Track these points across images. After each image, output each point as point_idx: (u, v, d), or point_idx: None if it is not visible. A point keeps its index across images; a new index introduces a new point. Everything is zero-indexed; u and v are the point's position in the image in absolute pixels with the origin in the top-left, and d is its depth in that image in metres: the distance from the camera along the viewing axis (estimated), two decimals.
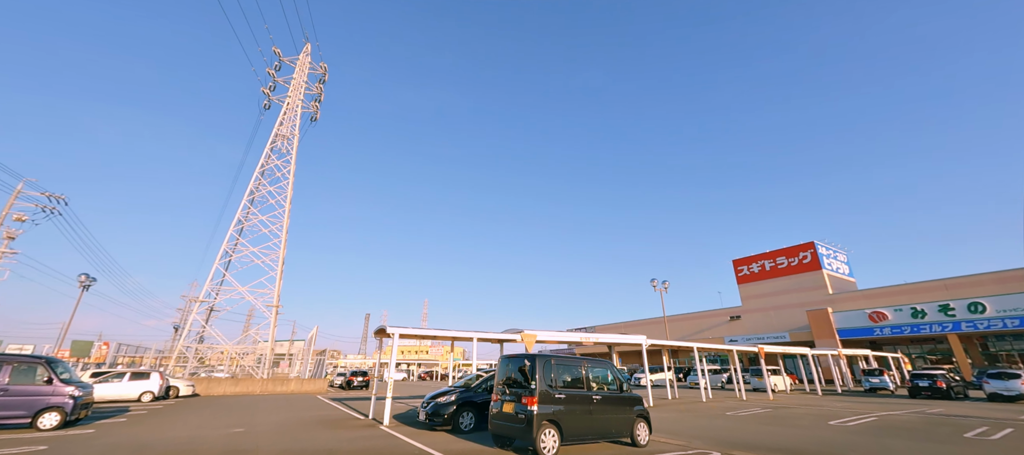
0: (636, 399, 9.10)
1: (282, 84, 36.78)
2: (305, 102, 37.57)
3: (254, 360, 32.97)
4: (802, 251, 46.27)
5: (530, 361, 7.95)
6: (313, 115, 38.52)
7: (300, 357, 44.87)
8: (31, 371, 10.08)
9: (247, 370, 31.76)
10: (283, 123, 35.18)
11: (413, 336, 12.89)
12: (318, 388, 26.95)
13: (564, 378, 8.20)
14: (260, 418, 12.78)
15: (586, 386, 8.44)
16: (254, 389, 24.94)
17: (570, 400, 7.97)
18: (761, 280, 49.08)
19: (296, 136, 35.39)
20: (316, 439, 9.28)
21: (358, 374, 30.15)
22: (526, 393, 7.65)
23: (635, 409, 8.92)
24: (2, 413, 9.54)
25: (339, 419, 12.69)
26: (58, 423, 10.00)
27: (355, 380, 29.57)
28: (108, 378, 17.68)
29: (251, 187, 32.12)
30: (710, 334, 51.02)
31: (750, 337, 46.10)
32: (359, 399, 21.04)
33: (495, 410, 8.22)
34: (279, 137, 34.71)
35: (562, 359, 8.38)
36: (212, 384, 23.89)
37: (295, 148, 34.94)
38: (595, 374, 8.81)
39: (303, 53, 38.36)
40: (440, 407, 10.17)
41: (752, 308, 48.88)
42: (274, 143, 34.36)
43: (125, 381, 17.74)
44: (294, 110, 36.18)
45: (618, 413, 8.62)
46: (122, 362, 30.15)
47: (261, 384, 25.26)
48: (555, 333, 16.11)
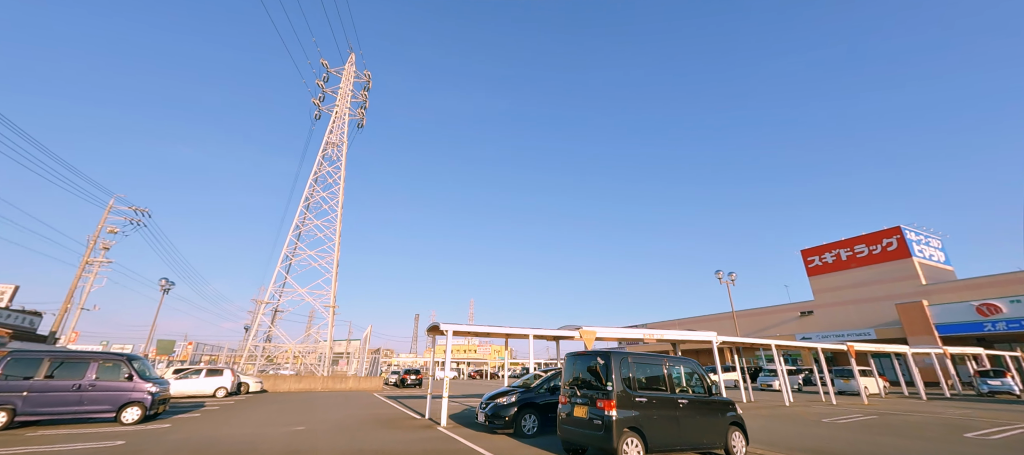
0: (728, 404, 7.78)
1: (330, 94, 38.26)
2: (352, 110, 38.83)
3: (315, 359, 34.43)
4: (886, 237, 41.00)
5: (604, 359, 6.93)
6: (360, 122, 39.73)
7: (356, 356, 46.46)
8: (115, 368, 10.58)
9: (309, 368, 33.21)
10: (332, 131, 36.52)
11: (466, 333, 12.29)
12: (374, 386, 27.46)
13: (644, 379, 7.11)
14: (320, 416, 12.76)
15: (669, 388, 7.28)
16: (316, 386, 25.81)
17: (653, 404, 6.86)
18: (837, 271, 44.15)
19: (345, 143, 36.61)
20: (374, 440, 8.86)
21: (411, 372, 30.45)
22: (601, 395, 6.65)
23: (728, 415, 7.61)
24: (90, 407, 10.05)
25: (396, 418, 12.36)
26: (139, 417, 10.40)
27: (408, 378, 29.88)
28: (187, 375, 18.82)
29: (306, 194, 33.57)
30: (777, 331, 46.64)
31: (826, 335, 41.49)
32: (414, 398, 20.95)
33: (565, 414, 7.29)
34: (329, 145, 36.05)
35: (640, 357, 7.28)
36: (278, 381, 24.99)
37: (344, 154, 36.14)
38: (678, 374, 7.61)
39: (348, 63, 39.69)
40: (500, 409, 9.40)
41: (827, 302, 44.09)
42: (325, 151, 35.74)
43: (202, 378, 18.79)
44: (342, 118, 37.46)
45: (709, 420, 7.37)
46: (204, 361, 32.94)
47: (322, 381, 26.10)
48: (614, 329, 14.87)
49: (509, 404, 9.41)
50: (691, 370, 7.84)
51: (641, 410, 6.67)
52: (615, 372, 6.72)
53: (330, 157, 35.93)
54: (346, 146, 36.56)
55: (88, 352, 10.74)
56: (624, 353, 7.08)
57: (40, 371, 9.83)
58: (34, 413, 9.57)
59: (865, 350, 22.34)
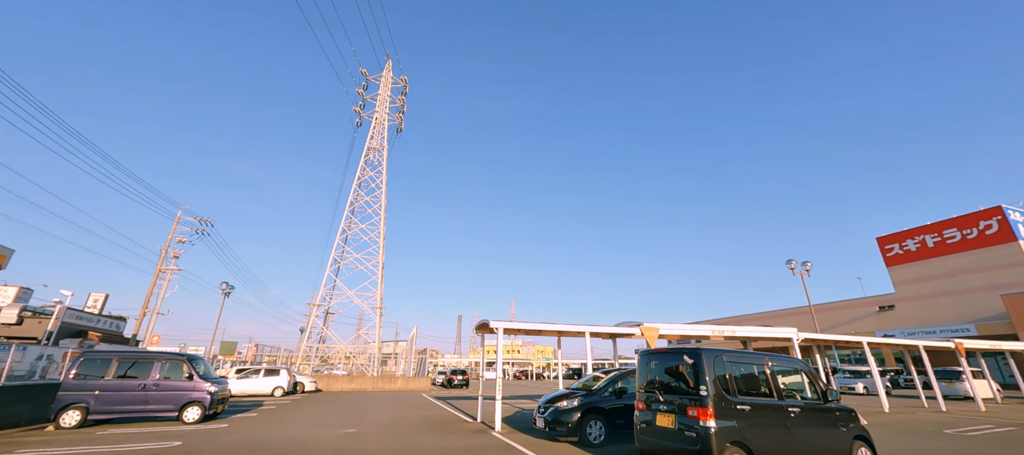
0: (849, 413, 6.31)
1: (370, 101, 39.10)
2: (390, 115, 39.44)
3: (365, 359, 35.16)
4: (984, 219, 35.58)
5: (693, 358, 5.75)
6: (398, 126, 40.29)
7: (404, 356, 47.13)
8: (176, 368, 10.71)
9: (360, 368, 33.93)
10: (373, 137, 37.23)
11: (518, 331, 11.43)
12: (422, 386, 27.37)
13: (742, 381, 5.84)
14: (371, 417, 12.39)
15: (775, 392, 5.95)
16: (366, 386, 26.09)
17: (758, 413, 5.59)
18: (922, 260, 38.99)
19: (385, 148, 37.19)
20: (427, 446, 8.19)
21: (457, 373, 30.15)
22: (692, 401, 5.49)
23: (850, 427, 6.15)
24: (154, 407, 10.19)
25: (446, 421, 11.71)
26: (199, 417, 10.45)
27: (455, 379, 29.59)
28: (248, 374, 19.43)
29: (351, 199, 34.36)
30: (851, 328, 41.95)
31: (913, 331, 36.65)
32: (462, 398, 20.40)
33: (644, 422, 6.18)
34: (371, 150, 36.75)
35: (736, 355, 6.02)
36: (332, 380, 25.49)
37: (385, 159, 36.69)
38: (785, 376, 6.25)
39: (385, 70, 40.41)
40: (561, 414, 8.40)
41: (911, 295, 39.01)
42: (367, 156, 36.46)
43: (260, 377, 19.32)
44: (382, 123, 38.13)
45: (828, 433, 5.96)
46: (267, 361, 35.01)
47: (372, 381, 26.35)
48: (678, 326, 13.38)
49: (571, 408, 8.39)
50: (800, 371, 6.44)
51: (743, 420, 5.43)
52: (708, 373, 5.53)
53: (372, 162, 36.65)
54: (387, 151, 37.14)
55: (152, 352, 10.98)
56: (716, 350, 5.86)
57: (110, 371, 10.09)
58: (104, 412, 9.81)
59: (975, 348, 19.07)
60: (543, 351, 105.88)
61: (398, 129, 40.41)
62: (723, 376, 5.66)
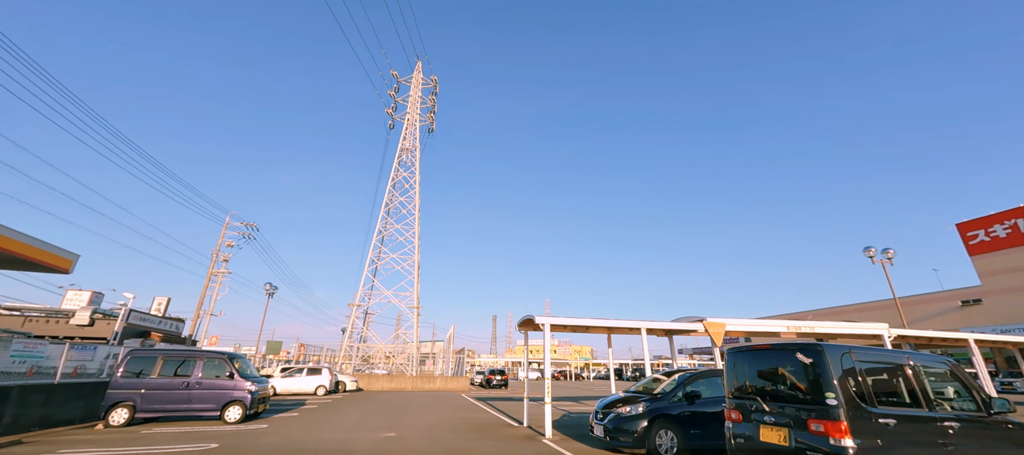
0: None
1: (401, 103, 39.28)
2: (422, 115, 39.44)
3: (404, 359, 35.26)
4: None
5: (811, 355, 4.48)
6: (429, 126, 40.25)
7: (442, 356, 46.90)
8: (218, 366, 10.50)
9: (399, 367, 34.01)
10: (405, 138, 37.32)
11: (566, 327, 10.36)
12: (460, 386, 26.84)
13: (880, 387, 4.50)
14: (411, 418, 11.75)
15: (924, 401, 4.56)
16: (406, 385, 25.88)
17: (906, 429, 4.24)
18: (1014, 248, 34.09)
19: (417, 148, 37.19)
20: (471, 452, 7.33)
21: (496, 373, 29.41)
22: (816, 413, 4.23)
23: None
24: (197, 406, 9.99)
25: (490, 425, 10.83)
26: (240, 417, 10.17)
27: (494, 379, 28.87)
28: (292, 373, 19.54)
29: (386, 200, 34.56)
30: (928, 324, 37.42)
31: (1008, 327, 32.03)
32: (503, 399, 19.56)
33: (741, 436, 4.96)
34: (404, 151, 36.86)
35: (868, 353, 4.68)
36: (372, 380, 25.47)
37: (418, 159, 36.68)
38: (933, 379, 4.83)
39: (416, 71, 40.50)
40: (624, 421, 7.26)
41: (1001, 288, 34.18)
42: (400, 157, 36.60)
43: (304, 376, 19.38)
44: (413, 124, 38.17)
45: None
46: (313, 360, 36.10)
47: (412, 381, 26.11)
48: (747, 322, 11.79)
49: (635, 416, 7.23)
50: (950, 371, 4.99)
51: (888, 437, 4.11)
52: (835, 376, 4.25)
53: (405, 163, 36.74)
54: (419, 151, 37.14)
55: (195, 350, 10.84)
56: (842, 346, 4.55)
57: (155, 369, 10.00)
58: (150, 410, 9.71)
59: None
60: (580, 350, 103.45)
61: (430, 129, 40.40)
62: (853, 379, 4.35)
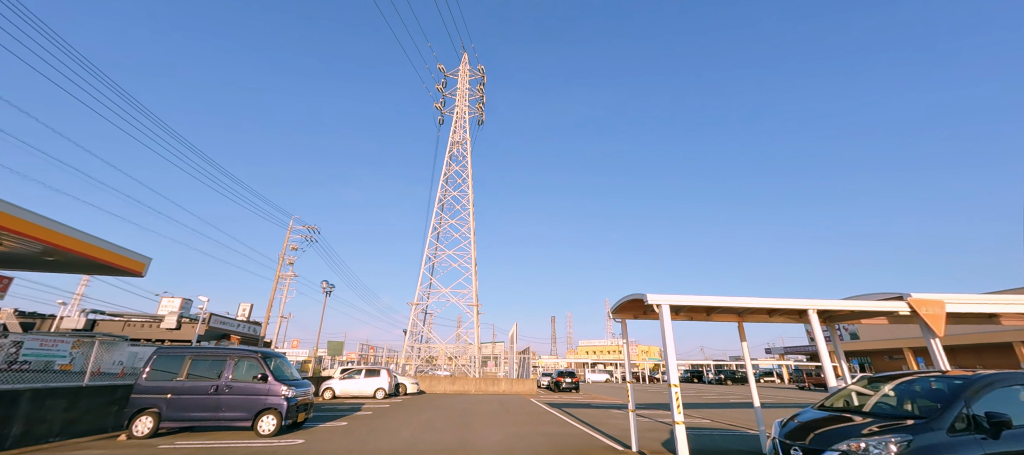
0: None
1: (450, 97, 37.93)
2: (470, 107, 37.78)
3: (466, 360, 33.54)
4: None
5: None
6: (479, 118, 38.48)
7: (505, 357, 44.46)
8: (250, 366, 8.78)
9: (462, 369, 32.29)
10: (455, 131, 35.82)
11: (694, 307, 7.14)
12: (527, 389, 24.18)
13: None
14: (478, 432, 9.25)
15: None
16: (469, 388, 23.80)
17: None
18: None
19: (468, 141, 35.48)
20: None
21: (565, 375, 26.36)
22: None
23: None
24: (227, 413, 8.29)
25: (587, 449, 7.94)
26: (275, 428, 8.31)
27: (563, 381, 25.85)
28: (351, 374, 18.18)
29: (438, 195, 33.17)
30: None
31: None
32: (581, 406, 16.55)
33: None
34: (454, 145, 35.36)
35: None
36: (434, 382, 23.74)
37: (469, 151, 34.95)
38: None
39: (462, 62, 39.02)
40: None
41: None
42: (451, 151, 35.13)
43: (362, 378, 17.91)
44: (463, 117, 36.59)
45: None
46: (383, 361, 35.89)
47: (475, 383, 23.99)
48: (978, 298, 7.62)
49: (877, 446, 3.91)
50: None
51: None
52: None
53: (456, 157, 35.22)
54: (470, 144, 35.42)
55: (224, 348, 9.25)
56: None
57: (182, 370, 8.49)
58: (177, 419, 8.18)
59: None
60: (647, 351, 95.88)
61: (479, 121, 38.66)
62: None
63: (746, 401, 20.04)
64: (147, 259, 9.81)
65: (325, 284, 21.23)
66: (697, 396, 23.72)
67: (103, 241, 8.41)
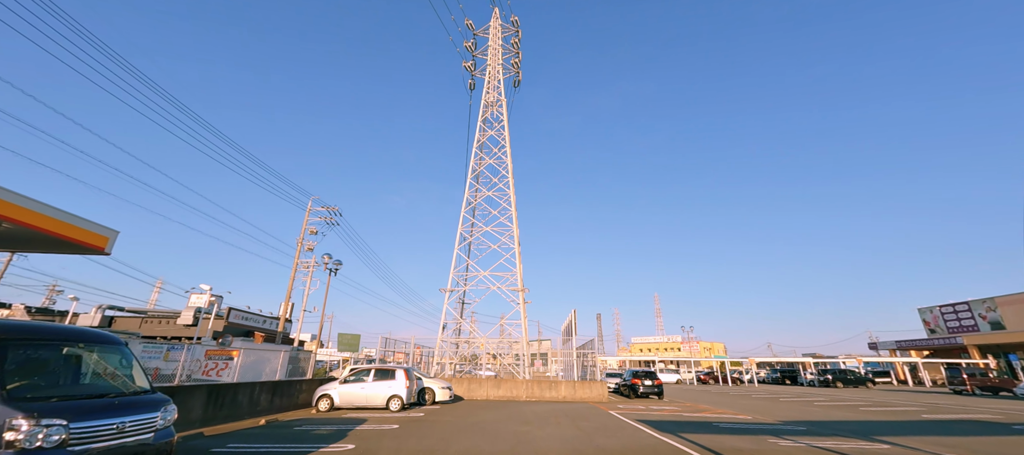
0: None
1: (481, 57, 32.62)
2: (505, 67, 32.20)
3: (512, 359, 27.90)
4: None
5: None
6: (515, 78, 32.81)
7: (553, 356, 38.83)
8: None
9: (508, 369, 26.67)
10: (488, 91, 30.38)
11: None
12: (595, 395, 17.94)
13: None
14: None
15: None
16: (518, 393, 18.01)
17: None
18: None
19: (503, 101, 29.88)
20: None
21: (644, 375, 19.76)
22: None
23: None
24: None
25: None
26: None
27: (641, 384, 19.28)
28: (359, 376, 12.98)
29: (472, 164, 27.88)
30: None
31: None
32: (704, 428, 10.24)
33: None
34: (487, 106, 29.93)
35: None
36: (474, 385, 18.19)
37: (505, 113, 29.35)
38: None
39: (493, 18, 33.61)
40: None
41: None
42: (484, 115, 29.72)
43: (370, 381, 12.65)
44: (496, 77, 31.09)
45: None
46: (396, 357, 30.62)
47: (526, 387, 18.16)
48: None
49: None
50: None
51: None
52: None
53: (490, 121, 29.73)
54: (506, 105, 29.79)
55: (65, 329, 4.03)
56: None
57: None
58: None
59: None
60: (711, 347, 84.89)
61: (516, 81, 32.99)
62: None
63: (948, 416, 12.59)
64: (112, 233, 7.81)
65: (327, 258, 16.36)
66: (853, 409, 16.35)
67: (56, 210, 6.89)
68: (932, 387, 35.68)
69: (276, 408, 12.30)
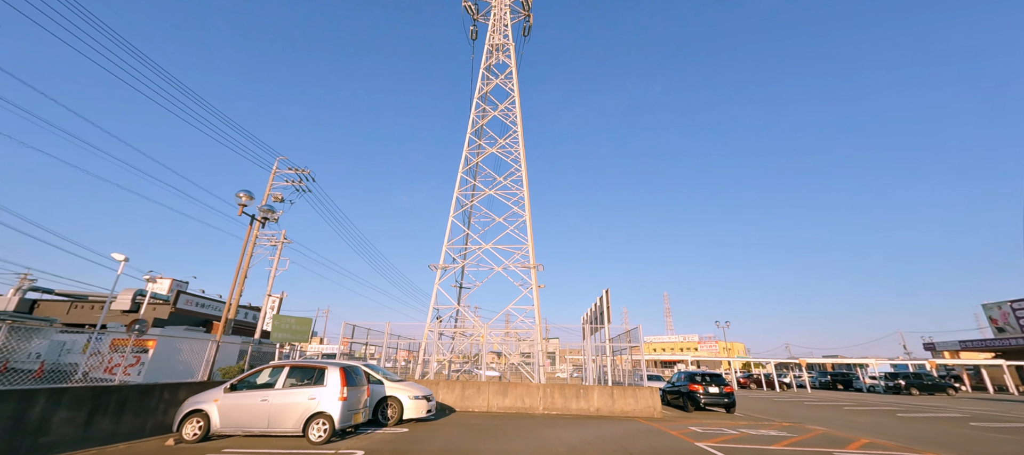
0: None
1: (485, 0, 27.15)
2: (513, 11, 26.70)
3: (520, 357, 22.33)
4: None
5: None
6: (526, 23, 27.31)
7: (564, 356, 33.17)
8: None
9: (516, 369, 21.13)
10: (493, 35, 24.92)
11: None
12: (644, 408, 12.26)
13: None
14: None
15: None
16: (533, 404, 12.40)
17: None
18: None
19: (512, 44, 24.39)
20: None
21: (709, 379, 13.92)
22: None
23: None
24: None
25: None
26: None
27: (701, 391, 13.50)
28: (271, 377, 7.42)
29: (473, 117, 22.37)
30: None
31: None
32: None
33: None
34: (492, 52, 24.43)
35: None
36: (469, 392, 12.61)
37: (513, 58, 23.88)
38: None
39: None
40: None
41: None
42: (488, 63, 24.23)
43: (278, 389, 7.11)
44: (503, 18, 25.61)
45: None
46: (360, 353, 23.07)
47: (543, 395, 12.54)
48: None
49: None
50: None
51: None
52: None
53: (493, 69, 24.25)
54: (513, 49, 24.28)
55: None
56: None
57: None
58: None
59: None
60: (730, 348, 77.96)
61: (525, 28, 27.49)
62: None
63: None
64: None
65: (266, 211, 10.52)
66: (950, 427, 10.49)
67: None
68: (1020, 394, 29.37)
69: (124, 430, 6.90)
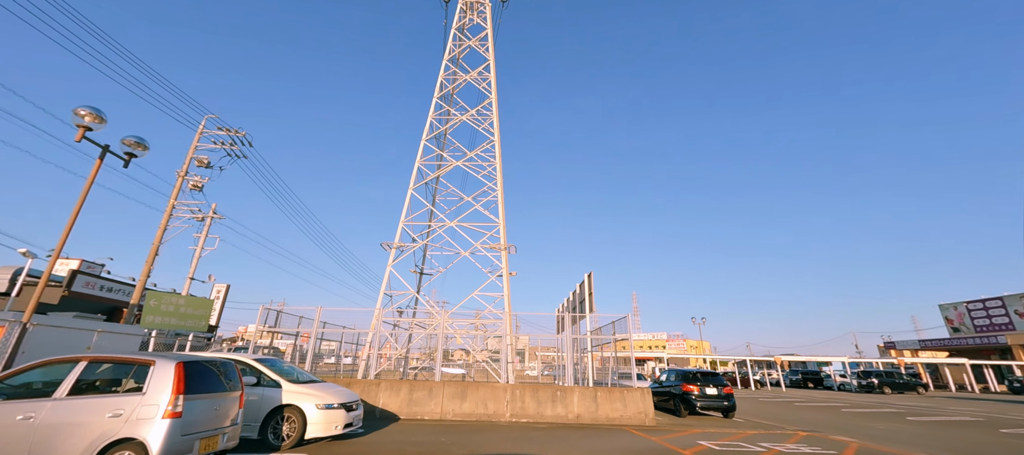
0: None
1: None
2: None
3: (488, 354, 19.79)
4: None
5: None
6: None
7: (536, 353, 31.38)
8: None
9: (481, 366, 18.59)
10: None
11: None
12: (630, 413, 10.04)
13: None
14: None
15: None
16: (498, 409, 9.88)
17: None
18: None
19: (487, 3, 21.69)
20: None
21: (705, 378, 11.89)
22: None
23: None
24: None
25: None
26: None
27: (695, 392, 11.46)
28: (33, 381, 4.39)
29: (441, 79, 19.49)
30: None
31: None
32: None
33: None
34: (465, 9, 21.63)
35: None
36: (419, 395, 9.93)
37: (490, 16, 21.19)
38: None
39: None
40: None
41: None
42: (460, 22, 21.44)
43: (57, 399, 4.12)
44: None
45: None
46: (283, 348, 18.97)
47: (510, 398, 10.05)
48: None
49: None
50: None
51: None
52: None
53: (464, 29, 21.51)
54: (490, 11, 21.60)
55: None
56: None
57: None
58: None
59: None
60: (697, 346, 78.83)
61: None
62: None
63: None
64: None
65: (135, 144, 7.18)
66: None
67: None
68: (981, 392, 29.93)
69: None
